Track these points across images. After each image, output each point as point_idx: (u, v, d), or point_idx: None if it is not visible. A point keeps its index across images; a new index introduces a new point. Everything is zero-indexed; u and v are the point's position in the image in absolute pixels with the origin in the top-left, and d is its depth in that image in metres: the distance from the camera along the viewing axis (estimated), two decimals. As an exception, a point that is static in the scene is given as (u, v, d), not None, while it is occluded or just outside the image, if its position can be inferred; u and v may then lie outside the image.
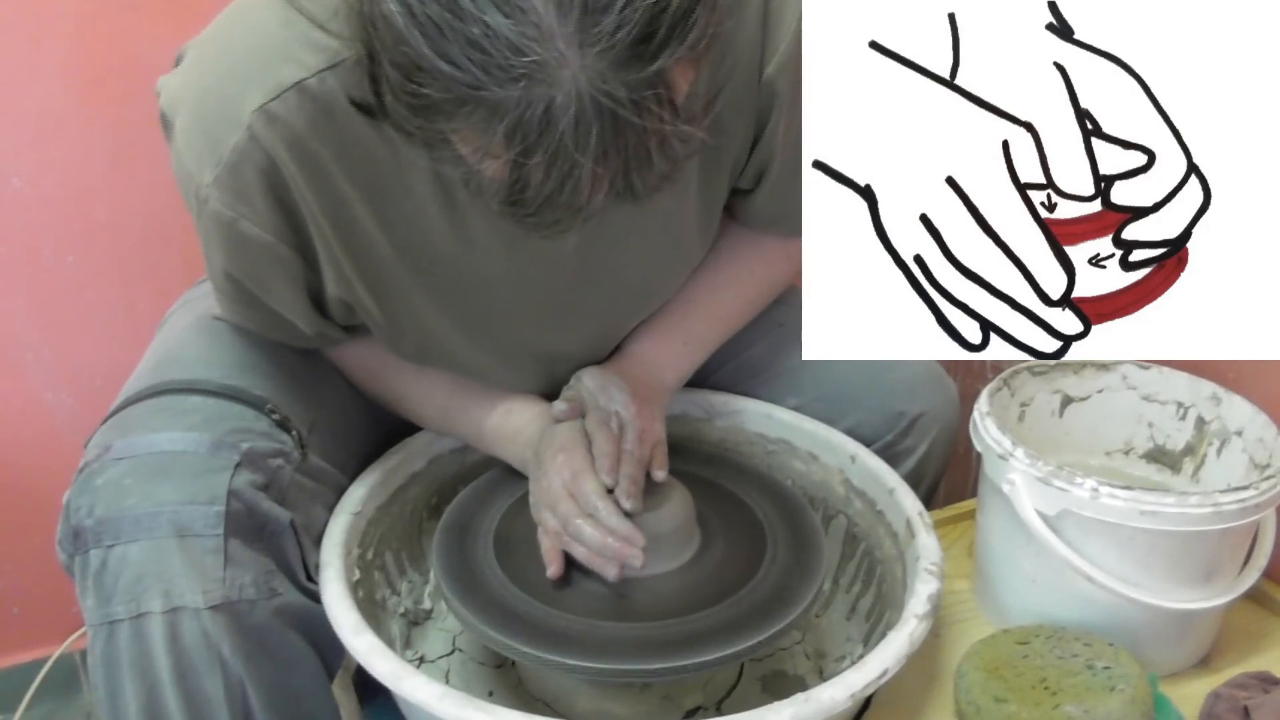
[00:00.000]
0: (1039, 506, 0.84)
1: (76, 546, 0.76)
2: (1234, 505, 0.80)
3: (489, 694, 0.91)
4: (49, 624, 1.43)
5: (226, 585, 0.76)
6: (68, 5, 1.21)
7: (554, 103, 0.55)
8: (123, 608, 0.74)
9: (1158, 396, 0.98)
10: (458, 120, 0.58)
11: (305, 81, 0.73)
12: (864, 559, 0.96)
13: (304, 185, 0.76)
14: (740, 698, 0.90)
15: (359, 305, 0.85)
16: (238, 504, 0.77)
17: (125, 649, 0.75)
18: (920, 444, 1.02)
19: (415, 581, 0.99)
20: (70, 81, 1.24)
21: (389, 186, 0.80)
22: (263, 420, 0.84)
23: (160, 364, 0.88)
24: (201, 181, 0.75)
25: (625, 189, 0.61)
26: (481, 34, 0.54)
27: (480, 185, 0.62)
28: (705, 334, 1.01)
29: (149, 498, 0.75)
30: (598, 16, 0.54)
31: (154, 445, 0.78)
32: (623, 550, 0.80)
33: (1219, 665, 0.89)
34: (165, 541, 0.75)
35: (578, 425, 0.88)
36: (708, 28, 0.59)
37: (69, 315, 1.34)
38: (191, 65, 0.79)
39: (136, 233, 1.32)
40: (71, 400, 1.38)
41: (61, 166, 1.27)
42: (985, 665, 0.81)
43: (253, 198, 0.75)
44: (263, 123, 0.73)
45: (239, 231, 0.77)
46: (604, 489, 0.82)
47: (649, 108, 0.57)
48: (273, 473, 0.81)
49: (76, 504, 0.77)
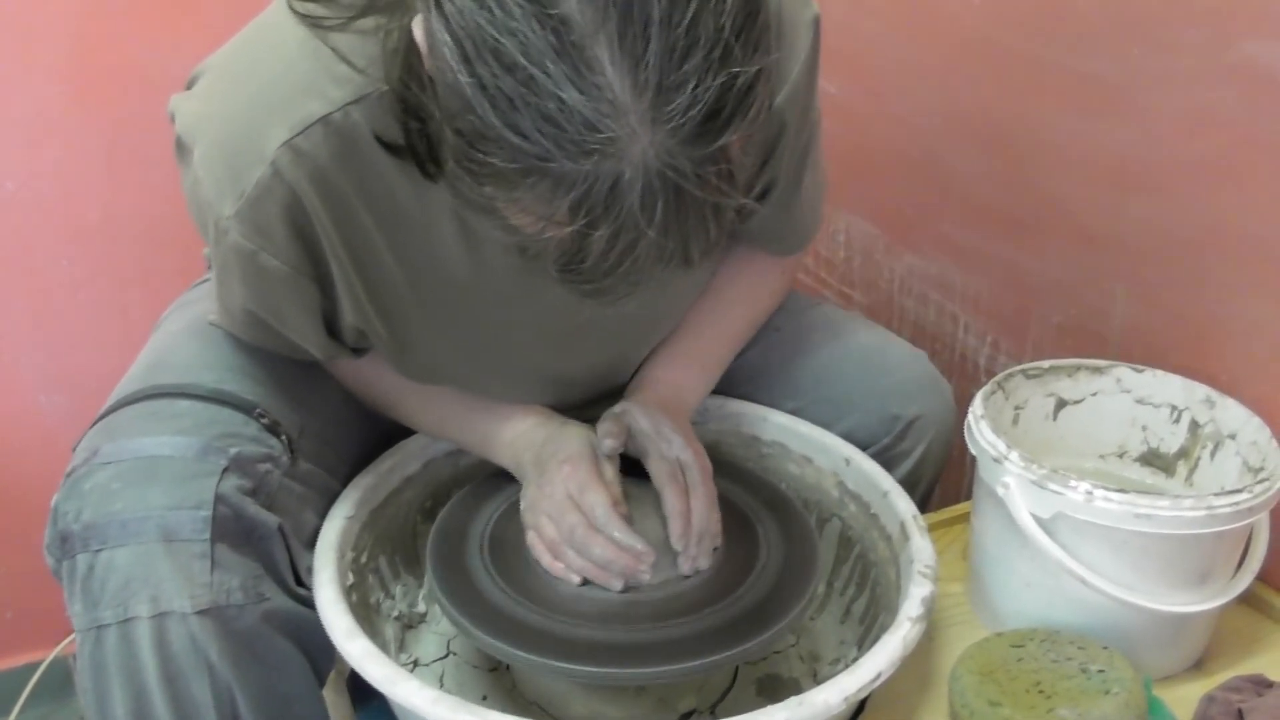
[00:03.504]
0: (1033, 509, 0.84)
1: (64, 551, 0.76)
2: (1228, 508, 0.80)
3: (483, 698, 0.91)
4: (43, 627, 1.42)
5: (214, 590, 0.76)
6: (62, 9, 1.21)
7: (622, 177, 0.55)
8: (110, 613, 0.74)
9: (1151, 400, 0.98)
10: (521, 190, 0.58)
11: (330, 115, 0.73)
12: (858, 562, 0.96)
13: (325, 217, 0.76)
14: (735, 701, 0.90)
15: (373, 332, 0.86)
16: (225, 509, 0.77)
17: (113, 654, 0.75)
18: (917, 447, 1.02)
19: (409, 585, 0.98)
20: (65, 85, 1.24)
21: (407, 218, 0.79)
22: (252, 425, 0.83)
23: (151, 368, 0.88)
24: (222, 213, 0.74)
25: (682, 259, 0.61)
26: (556, 109, 0.54)
27: (539, 252, 0.61)
28: (718, 355, 1.02)
29: (136, 502, 0.75)
30: (671, 95, 0.54)
31: (142, 450, 0.78)
32: (633, 565, 0.81)
33: (1213, 668, 0.89)
34: (152, 546, 0.74)
35: (585, 435, 0.88)
36: (765, 101, 0.59)
37: (63, 318, 1.34)
38: (211, 92, 0.78)
39: (131, 236, 1.32)
40: (65, 403, 1.38)
41: (56, 170, 1.27)
42: (980, 668, 0.81)
43: (274, 231, 0.75)
44: (288, 158, 0.72)
45: (259, 264, 0.77)
46: (611, 502, 0.83)
47: (710, 180, 0.58)
48: (261, 477, 0.81)
49: (64, 508, 0.77)
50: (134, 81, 1.27)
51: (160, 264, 1.33)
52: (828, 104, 1.13)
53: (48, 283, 1.32)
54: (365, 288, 0.82)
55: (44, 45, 1.22)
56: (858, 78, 1.35)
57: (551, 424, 0.92)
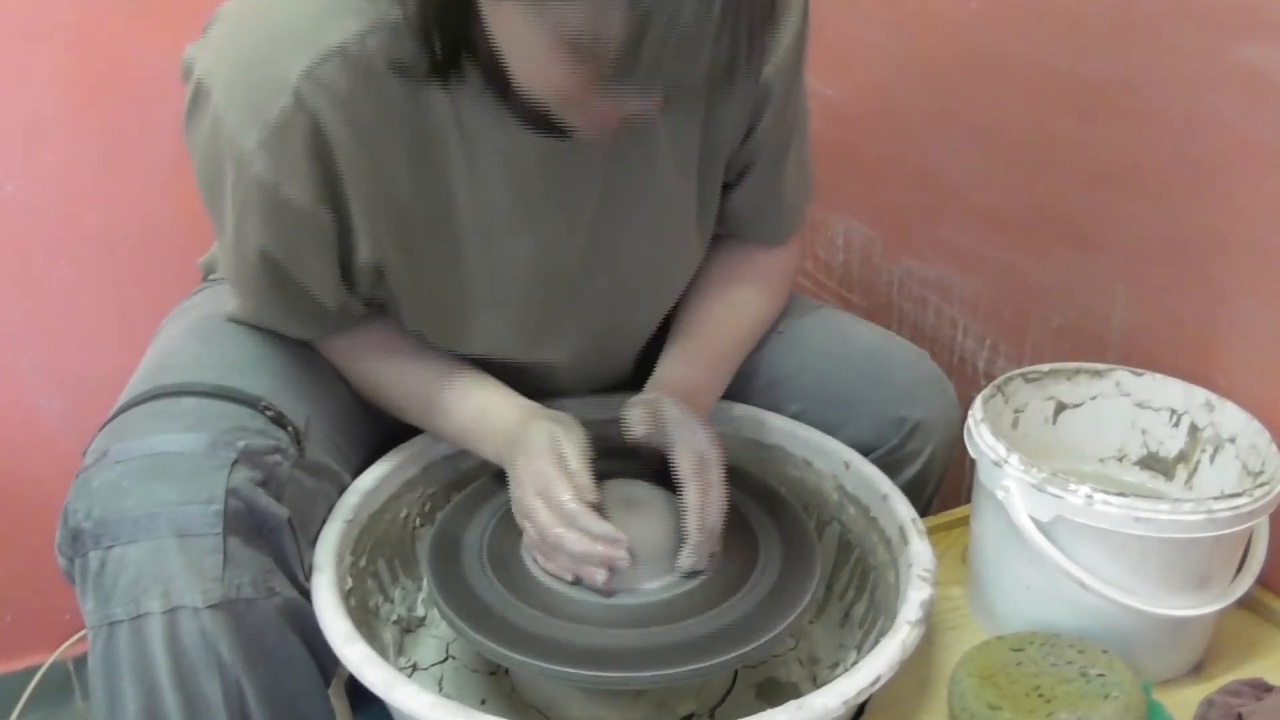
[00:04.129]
0: (1033, 513, 0.84)
1: (75, 549, 0.76)
2: (1227, 512, 0.80)
3: (482, 702, 0.91)
4: (42, 631, 1.43)
5: (225, 584, 0.76)
6: (61, 11, 1.21)
7: None
8: (122, 609, 0.74)
9: (1151, 403, 0.98)
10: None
11: (347, 45, 0.76)
12: (857, 565, 0.96)
13: (346, 147, 0.79)
14: (734, 705, 0.90)
15: (389, 270, 0.87)
16: (236, 502, 0.77)
17: (124, 650, 0.75)
18: (923, 449, 1.02)
19: (408, 588, 0.98)
20: (64, 88, 1.24)
21: (422, 151, 0.82)
22: (258, 418, 0.83)
23: (153, 371, 0.88)
24: (245, 146, 0.76)
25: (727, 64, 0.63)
26: None
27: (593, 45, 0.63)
28: (729, 359, 1.03)
29: (147, 498, 0.75)
30: None
31: (151, 447, 0.78)
32: (609, 554, 0.80)
33: (1212, 672, 0.89)
34: (164, 541, 0.74)
35: (546, 428, 0.86)
36: None
37: (62, 321, 1.34)
38: (228, 33, 0.80)
39: (129, 238, 1.32)
40: (64, 406, 1.38)
41: (55, 172, 1.27)
42: (979, 672, 0.81)
43: (297, 161, 0.77)
44: (309, 87, 0.75)
45: (281, 197, 0.79)
46: (575, 494, 0.81)
47: None
48: (270, 469, 0.81)
49: (74, 507, 0.76)
50: (134, 85, 1.27)
51: (159, 265, 1.33)
52: (825, 108, 1.14)
53: (47, 284, 1.32)
54: (384, 219, 0.84)
55: (43, 48, 1.22)
56: (856, 82, 1.35)
57: (523, 414, 0.91)
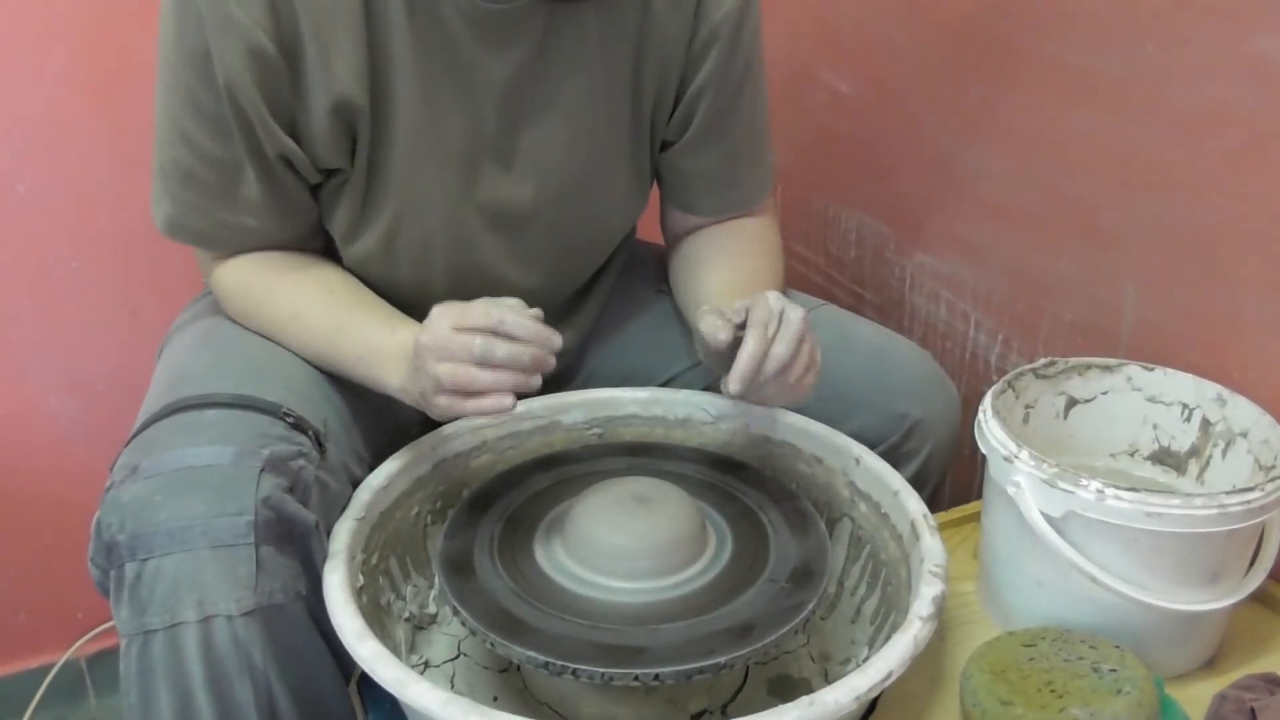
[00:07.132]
0: (1044, 508, 0.83)
1: (110, 561, 0.77)
2: (1239, 507, 0.80)
3: (494, 699, 0.91)
4: (55, 630, 1.43)
5: (258, 592, 0.77)
6: (71, 11, 1.21)
7: None
8: (157, 618, 0.75)
9: (1162, 398, 0.98)
10: None
11: None
12: (869, 561, 0.96)
13: None
14: (746, 701, 0.90)
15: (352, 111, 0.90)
16: (267, 511, 0.78)
17: (160, 658, 0.76)
18: (923, 446, 1.02)
19: (420, 586, 0.98)
20: (74, 87, 1.25)
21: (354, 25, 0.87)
22: (279, 425, 0.84)
23: (171, 385, 0.89)
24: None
25: None
26: None
27: None
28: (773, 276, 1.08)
29: (180, 512, 0.76)
30: None
31: (180, 460, 0.79)
32: (541, 351, 0.81)
33: (1225, 667, 0.89)
34: (200, 553, 0.76)
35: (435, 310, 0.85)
36: None
37: (73, 321, 1.34)
38: None
39: (140, 238, 1.32)
40: (75, 406, 1.38)
41: (65, 172, 1.28)
42: (991, 668, 0.81)
43: None
44: None
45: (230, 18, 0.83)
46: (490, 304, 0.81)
47: None
48: (295, 474, 0.82)
49: (106, 521, 0.77)
50: (144, 83, 1.26)
51: (169, 266, 1.33)
52: (838, 102, 1.14)
53: (57, 284, 1.32)
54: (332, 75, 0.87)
55: (54, 48, 1.22)
56: (868, 76, 1.34)
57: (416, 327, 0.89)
